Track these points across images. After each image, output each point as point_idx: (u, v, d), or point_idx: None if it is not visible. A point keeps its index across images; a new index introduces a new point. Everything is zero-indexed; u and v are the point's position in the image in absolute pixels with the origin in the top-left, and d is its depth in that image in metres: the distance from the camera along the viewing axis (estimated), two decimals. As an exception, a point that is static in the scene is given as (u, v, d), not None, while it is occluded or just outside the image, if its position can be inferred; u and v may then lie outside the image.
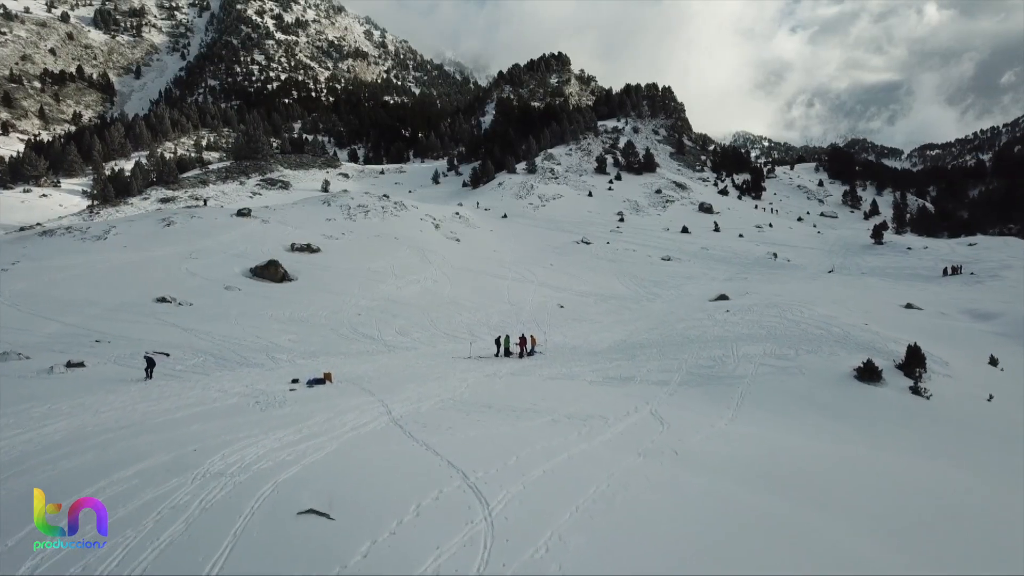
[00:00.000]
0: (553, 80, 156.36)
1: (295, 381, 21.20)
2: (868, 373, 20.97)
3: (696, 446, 14.99)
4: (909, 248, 67.47)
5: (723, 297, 43.57)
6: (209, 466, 11.94)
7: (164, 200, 74.09)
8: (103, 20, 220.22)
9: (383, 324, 32.40)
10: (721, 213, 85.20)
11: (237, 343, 26.84)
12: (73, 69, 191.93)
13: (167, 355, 24.04)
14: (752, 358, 22.65)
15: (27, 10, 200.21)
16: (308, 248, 43.34)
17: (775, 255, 65.17)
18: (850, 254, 68.76)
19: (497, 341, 27.39)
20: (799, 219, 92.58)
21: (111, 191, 73.40)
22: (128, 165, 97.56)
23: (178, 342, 26.16)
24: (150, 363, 21.11)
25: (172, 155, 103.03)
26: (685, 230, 73.84)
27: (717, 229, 76.18)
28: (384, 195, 62.38)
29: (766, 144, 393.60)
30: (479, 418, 16.38)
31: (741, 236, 74.10)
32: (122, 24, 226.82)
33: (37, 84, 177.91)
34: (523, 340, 27.07)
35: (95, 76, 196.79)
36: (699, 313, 33.17)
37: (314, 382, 20.96)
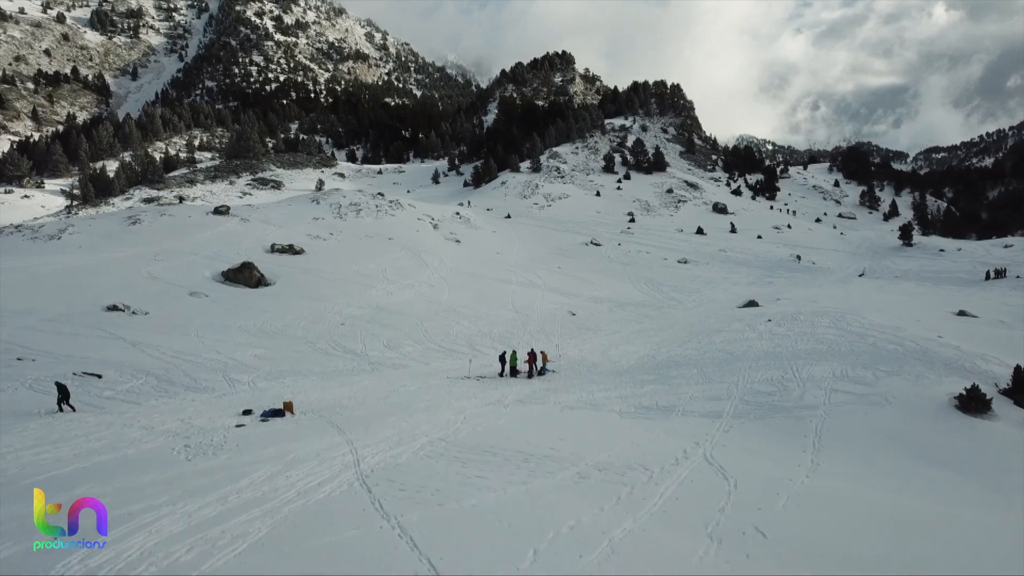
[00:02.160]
0: (557, 79, 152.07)
1: (246, 413, 16.82)
2: (974, 402, 16.53)
3: (783, 518, 10.63)
4: (942, 250, 63.01)
5: (753, 303, 39.09)
6: (55, 577, 7.63)
7: (147, 200, 69.93)
8: (100, 21, 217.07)
9: (369, 336, 28.01)
10: (736, 214, 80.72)
11: (191, 361, 22.45)
12: (68, 70, 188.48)
13: (99, 376, 19.65)
14: (820, 382, 18.18)
15: (22, 11, 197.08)
16: (290, 249, 38.99)
17: (798, 257, 60.89)
18: (878, 256, 64.35)
19: (502, 358, 22.96)
20: (817, 220, 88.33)
21: (91, 191, 69.26)
22: (115, 165, 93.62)
23: (120, 359, 21.78)
24: (62, 392, 16.67)
25: (162, 155, 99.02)
26: (700, 231, 69.41)
27: (734, 230, 71.73)
28: (379, 193, 58.09)
29: (770, 148, 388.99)
30: (479, 472, 12.03)
31: (760, 238, 69.76)
32: (119, 25, 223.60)
33: (30, 85, 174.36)
34: (532, 356, 22.63)
35: (90, 77, 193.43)
36: (736, 323, 28.68)
37: (270, 414, 16.57)
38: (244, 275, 33.05)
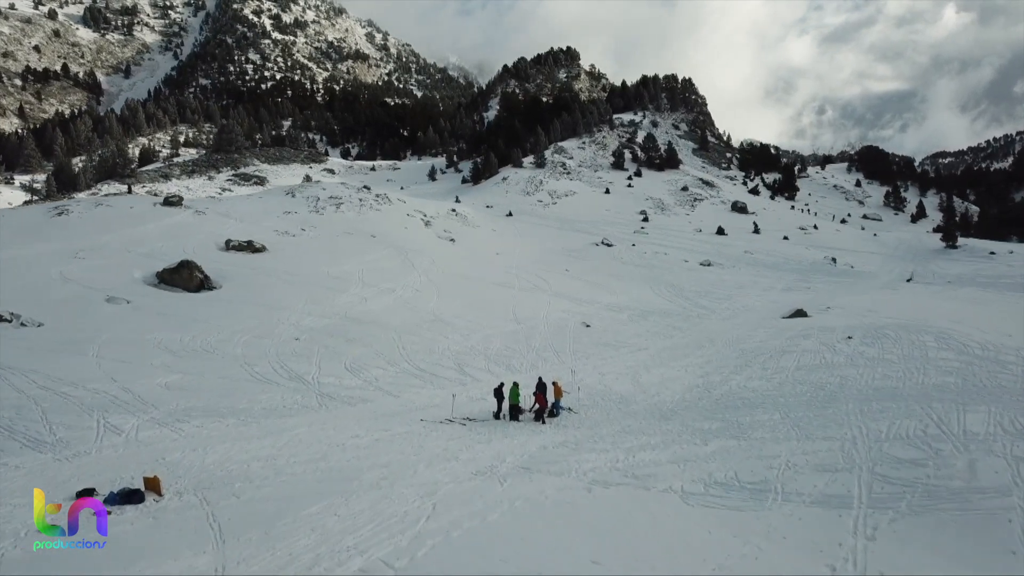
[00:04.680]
0: (562, 75, 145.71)
1: (84, 494, 10.44)
2: None
3: None
4: (992, 253, 56.72)
5: (801, 313, 32.75)
6: None
7: (115, 195, 63.79)
8: (93, 18, 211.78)
9: (328, 355, 21.67)
10: (757, 213, 74.46)
11: (64, 395, 16.15)
12: (58, 67, 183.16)
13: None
14: (989, 442, 11.73)
15: (12, 6, 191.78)
16: (249, 246, 32.69)
17: (833, 260, 54.52)
18: (919, 259, 57.99)
19: (498, 392, 16.52)
20: (842, 221, 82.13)
21: (54, 185, 63.27)
22: (94, 161, 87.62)
23: (-37, 392, 15.43)
24: None
25: (142, 149, 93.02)
26: (720, 231, 63.13)
27: (757, 231, 65.52)
28: (364, 186, 51.88)
29: (775, 152, 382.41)
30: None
31: (786, 239, 63.56)
32: (113, 22, 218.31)
33: (18, 82, 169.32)
34: (542, 392, 16.23)
35: (81, 75, 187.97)
36: (801, 339, 22.27)
37: (119, 500, 10.20)
38: (182, 276, 26.75)
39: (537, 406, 15.94)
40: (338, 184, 52.47)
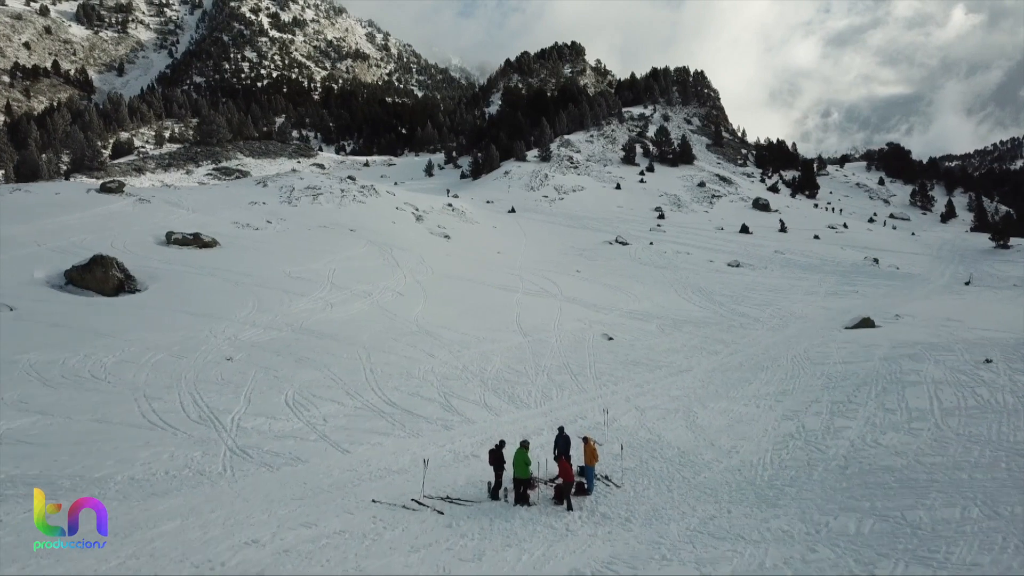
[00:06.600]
0: (566, 70, 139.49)
1: None
2: None
3: None
4: (1052, 253, 50.64)
5: (868, 323, 26.85)
6: None
7: (48, 182, 58.19)
8: (86, 15, 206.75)
9: (266, 383, 15.79)
10: (781, 211, 68.55)
11: None
12: (48, 64, 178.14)
13: None
14: None
15: (2, 2, 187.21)
16: (196, 240, 26.88)
17: (876, 261, 48.59)
18: (968, 261, 52.17)
19: (496, 456, 10.49)
20: (871, 220, 76.04)
21: (13, 178, 57.67)
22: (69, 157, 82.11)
23: None
24: None
25: (123, 142, 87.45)
26: (745, 230, 57.24)
27: (783, 229, 59.61)
28: (348, 176, 46.09)
29: (793, 149, 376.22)
30: None
31: (817, 238, 57.73)
32: (107, 20, 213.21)
33: (6, 79, 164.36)
34: (565, 453, 10.29)
35: (73, 72, 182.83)
36: (913, 362, 16.17)
37: None
38: (95, 276, 20.93)
39: (559, 479, 10.00)
40: (318, 174, 46.73)
